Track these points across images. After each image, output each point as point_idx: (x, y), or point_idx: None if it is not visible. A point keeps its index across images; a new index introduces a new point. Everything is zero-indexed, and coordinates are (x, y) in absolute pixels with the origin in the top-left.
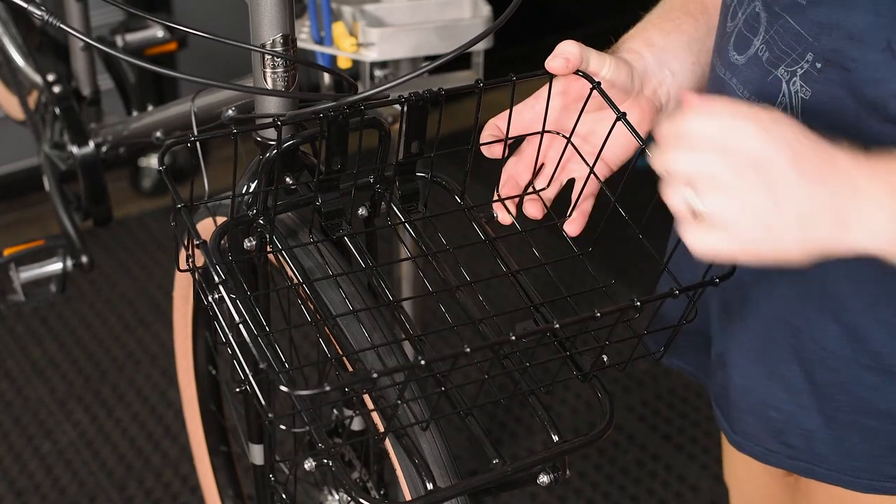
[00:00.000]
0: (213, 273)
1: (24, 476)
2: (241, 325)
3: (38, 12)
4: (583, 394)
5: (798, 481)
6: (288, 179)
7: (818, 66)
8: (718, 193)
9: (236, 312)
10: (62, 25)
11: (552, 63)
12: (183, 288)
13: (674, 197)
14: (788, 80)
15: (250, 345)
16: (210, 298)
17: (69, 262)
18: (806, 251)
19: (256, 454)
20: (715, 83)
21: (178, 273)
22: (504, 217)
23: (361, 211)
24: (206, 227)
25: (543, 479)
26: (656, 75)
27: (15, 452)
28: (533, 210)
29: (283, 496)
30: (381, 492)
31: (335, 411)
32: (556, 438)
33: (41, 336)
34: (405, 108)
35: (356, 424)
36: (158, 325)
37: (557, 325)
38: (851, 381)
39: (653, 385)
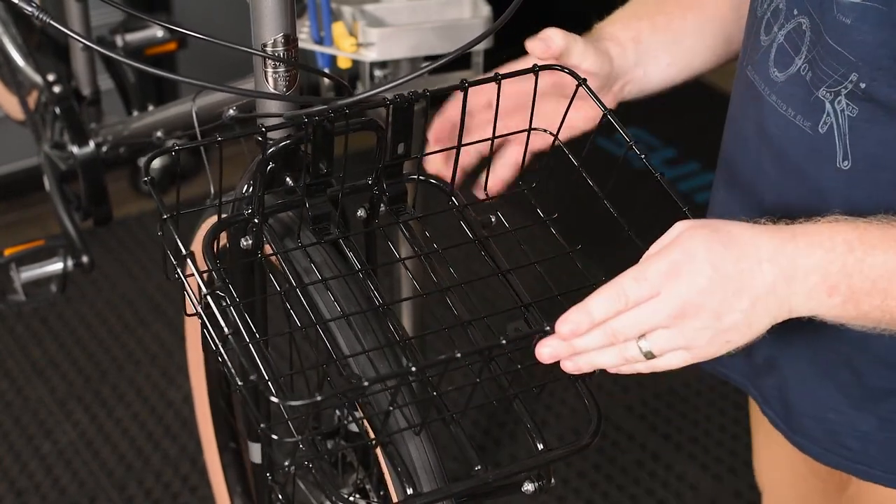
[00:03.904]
0: (200, 283)
1: (24, 476)
2: (230, 336)
3: (37, 13)
4: (574, 398)
5: (847, 484)
6: (288, 180)
7: (862, 86)
8: (667, 334)
9: (224, 322)
10: (61, 27)
11: (532, 44)
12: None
13: (617, 356)
14: (833, 99)
15: (240, 355)
16: (197, 307)
17: (69, 262)
18: (753, 333)
19: (255, 452)
20: (754, 99)
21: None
22: (436, 170)
23: (360, 213)
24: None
25: (528, 487)
26: (630, 73)
27: (15, 452)
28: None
29: (280, 497)
30: (381, 493)
31: (336, 412)
32: (540, 447)
33: (41, 336)
34: (390, 111)
35: (354, 426)
36: (158, 325)
37: (548, 328)
38: None
39: (653, 385)
